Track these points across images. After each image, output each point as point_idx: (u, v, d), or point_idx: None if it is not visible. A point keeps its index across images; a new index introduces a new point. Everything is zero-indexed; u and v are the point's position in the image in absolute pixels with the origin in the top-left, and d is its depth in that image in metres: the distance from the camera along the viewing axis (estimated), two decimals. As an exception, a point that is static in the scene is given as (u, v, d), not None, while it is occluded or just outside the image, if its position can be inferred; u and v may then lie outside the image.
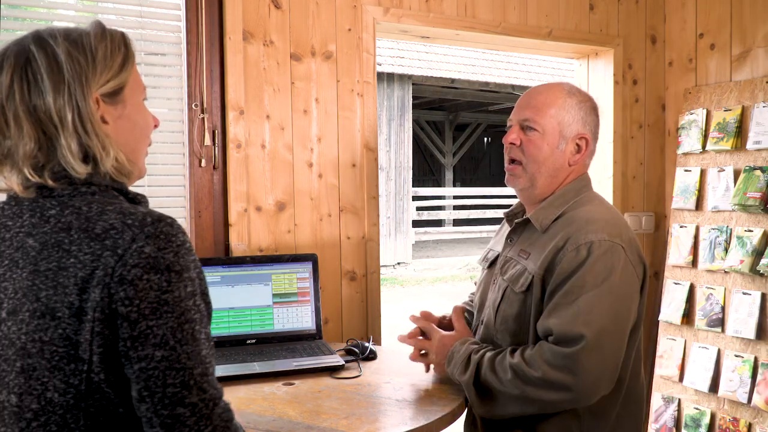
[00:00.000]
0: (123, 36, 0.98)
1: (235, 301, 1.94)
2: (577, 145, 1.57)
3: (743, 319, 2.41)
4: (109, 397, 0.87)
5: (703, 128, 2.66)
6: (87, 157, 0.92)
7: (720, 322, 2.51)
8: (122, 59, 0.96)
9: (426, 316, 1.75)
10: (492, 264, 1.70)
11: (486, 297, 1.66)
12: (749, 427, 2.38)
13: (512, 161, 1.59)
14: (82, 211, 0.89)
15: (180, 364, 0.85)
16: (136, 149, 1.01)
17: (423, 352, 1.64)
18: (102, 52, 0.94)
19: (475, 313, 1.74)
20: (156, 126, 1.06)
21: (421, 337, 1.66)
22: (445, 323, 1.75)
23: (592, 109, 1.60)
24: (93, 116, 0.92)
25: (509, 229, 1.66)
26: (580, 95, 1.59)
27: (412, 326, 1.72)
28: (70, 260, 0.86)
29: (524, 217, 1.61)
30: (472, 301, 1.82)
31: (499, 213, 11.36)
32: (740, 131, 2.53)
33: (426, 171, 18.38)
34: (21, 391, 0.87)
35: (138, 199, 0.98)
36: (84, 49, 0.93)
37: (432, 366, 1.64)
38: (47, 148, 0.91)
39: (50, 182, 0.91)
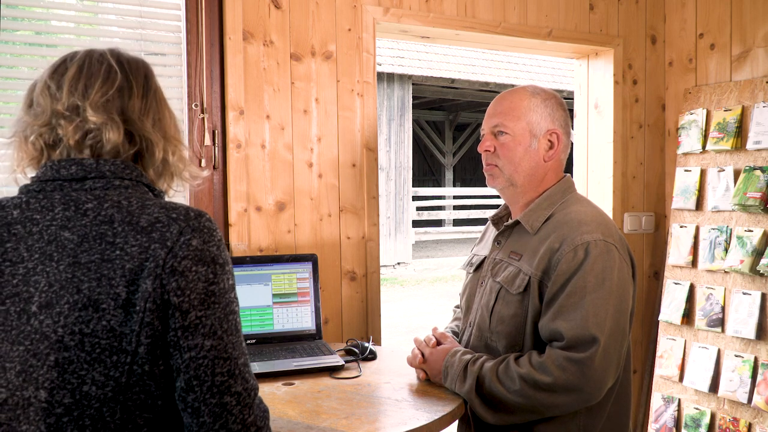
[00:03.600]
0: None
1: (235, 301, 1.93)
2: (549, 141, 1.61)
3: (743, 319, 2.41)
4: (149, 390, 0.88)
5: (703, 128, 2.66)
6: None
7: (720, 322, 2.51)
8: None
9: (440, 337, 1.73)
10: (478, 268, 1.71)
11: (473, 300, 1.68)
12: (749, 427, 2.38)
13: (489, 164, 1.65)
14: (123, 205, 0.91)
15: (227, 354, 0.88)
16: None
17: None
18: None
19: (462, 317, 1.76)
20: None
21: (420, 357, 1.66)
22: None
23: (558, 104, 1.64)
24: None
25: (496, 232, 1.69)
26: (544, 94, 1.63)
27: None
28: (115, 252, 0.87)
29: (513, 219, 1.64)
30: (457, 326, 1.82)
31: (499, 213, 11.33)
32: (740, 131, 2.53)
33: (426, 171, 18.38)
34: (53, 386, 0.86)
35: (161, 196, 1.01)
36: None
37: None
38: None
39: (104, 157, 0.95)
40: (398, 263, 11.53)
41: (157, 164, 0.99)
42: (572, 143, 2.10)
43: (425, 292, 9.45)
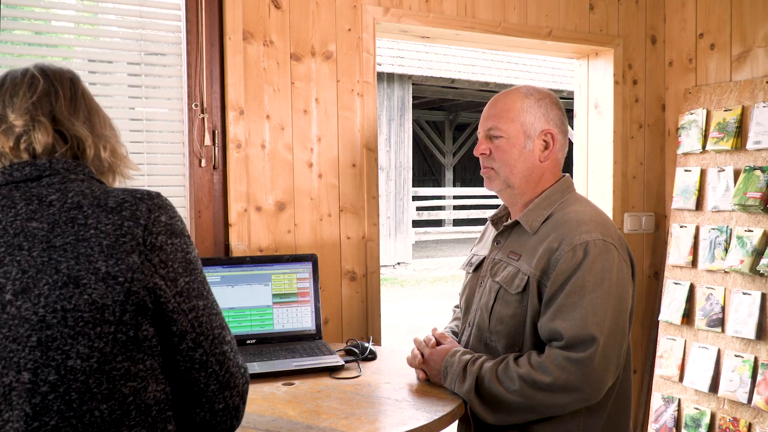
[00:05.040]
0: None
1: (235, 301, 1.94)
2: (544, 141, 1.61)
3: (743, 319, 2.41)
4: (132, 356, 0.93)
5: (703, 128, 2.66)
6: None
7: (720, 322, 2.51)
8: None
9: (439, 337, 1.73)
10: (477, 268, 1.71)
11: (472, 300, 1.68)
12: (749, 427, 2.38)
13: (486, 167, 1.66)
14: (87, 193, 0.97)
15: (215, 310, 1.01)
16: None
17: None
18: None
19: (461, 316, 1.76)
20: None
21: (419, 357, 1.66)
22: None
23: (553, 104, 1.63)
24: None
25: (495, 232, 1.69)
26: (538, 94, 1.63)
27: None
28: (90, 231, 0.93)
29: (512, 220, 1.64)
30: (457, 326, 1.83)
31: (499, 213, 11.33)
32: (740, 131, 2.53)
33: (426, 171, 18.38)
34: (36, 365, 0.89)
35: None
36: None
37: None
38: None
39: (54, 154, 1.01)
40: (398, 263, 11.53)
41: (92, 160, 1.05)
42: (572, 143, 2.10)
43: (425, 292, 9.45)
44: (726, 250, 2.51)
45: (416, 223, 12.78)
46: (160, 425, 0.96)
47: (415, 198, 12.57)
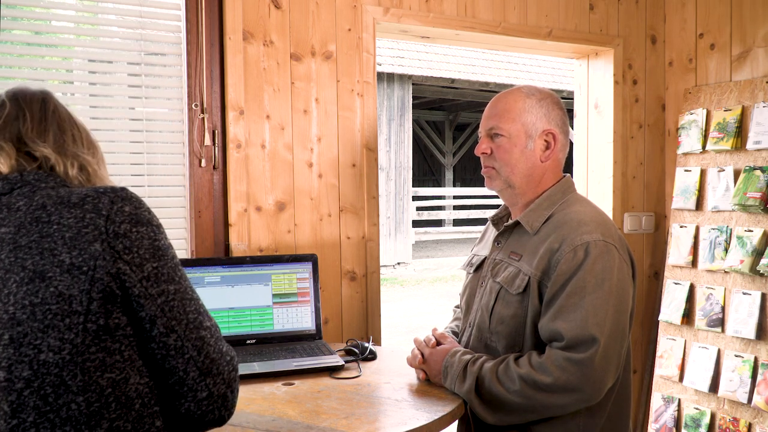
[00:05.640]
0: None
1: (235, 301, 1.94)
2: (546, 141, 1.61)
3: (743, 319, 2.41)
4: (106, 346, 0.93)
5: (703, 128, 2.66)
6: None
7: (720, 322, 2.51)
8: None
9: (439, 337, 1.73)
10: (478, 268, 1.71)
11: (473, 300, 1.68)
12: (749, 427, 2.38)
13: (486, 166, 1.65)
14: (52, 194, 0.98)
15: (189, 295, 1.00)
16: None
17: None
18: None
19: (462, 317, 1.76)
20: None
21: (419, 357, 1.66)
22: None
23: (555, 104, 1.63)
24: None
25: (496, 232, 1.69)
26: (540, 94, 1.63)
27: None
28: (53, 227, 0.94)
29: (513, 220, 1.64)
30: (457, 326, 1.83)
31: (499, 213, 11.34)
32: (740, 131, 2.53)
33: (426, 171, 18.38)
34: (10, 363, 0.90)
35: None
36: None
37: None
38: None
39: (31, 164, 1.04)
40: (398, 263, 11.53)
41: (63, 175, 1.06)
42: (572, 143, 2.10)
43: (425, 292, 9.45)
44: (726, 250, 2.51)
45: (416, 223, 12.78)
46: (147, 420, 0.96)
47: (415, 198, 12.57)
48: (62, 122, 1.10)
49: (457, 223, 15.08)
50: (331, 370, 1.72)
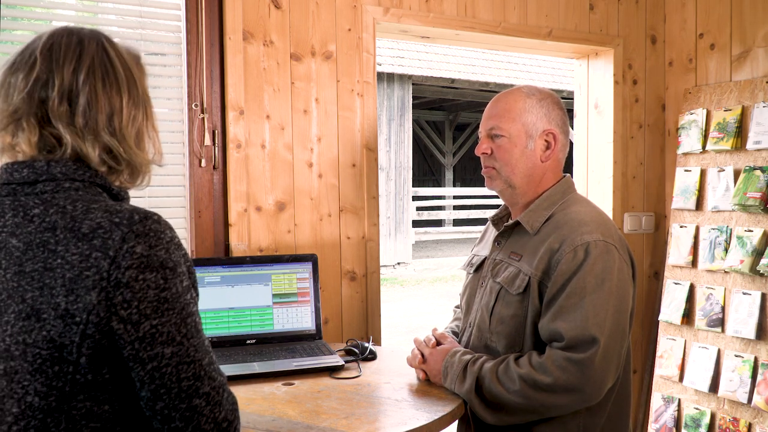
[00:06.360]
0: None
1: (234, 301, 1.93)
2: (546, 141, 1.61)
3: (743, 319, 2.41)
4: (95, 397, 0.86)
5: (703, 128, 2.66)
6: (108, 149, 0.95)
7: (720, 322, 2.51)
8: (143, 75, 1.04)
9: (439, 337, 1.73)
10: (478, 268, 1.71)
11: (473, 300, 1.68)
12: (749, 427, 2.38)
13: (487, 166, 1.65)
14: (67, 210, 0.88)
15: (189, 358, 0.88)
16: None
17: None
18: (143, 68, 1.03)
19: (462, 317, 1.76)
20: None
21: (419, 357, 1.66)
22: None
23: (555, 104, 1.63)
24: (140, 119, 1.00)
25: (496, 233, 1.69)
26: (540, 94, 1.63)
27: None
28: (57, 261, 0.85)
29: (513, 220, 1.63)
30: (457, 326, 1.83)
31: (499, 213, 11.35)
32: (740, 131, 2.53)
33: (426, 171, 18.38)
34: (3, 394, 0.86)
35: (121, 195, 0.98)
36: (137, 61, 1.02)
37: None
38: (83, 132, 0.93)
39: (54, 152, 0.92)
40: (398, 263, 11.53)
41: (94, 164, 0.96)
42: (572, 143, 2.10)
43: (425, 292, 9.45)
44: (726, 250, 2.51)
45: (416, 223, 12.78)
46: None
47: (415, 198, 12.57)
48: (96, 90, 0.94)
49: (457, 223, 15.08)
50: (331, 370, 1.72)
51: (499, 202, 1.79)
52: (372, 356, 1.83)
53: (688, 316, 2.63)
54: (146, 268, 0.85)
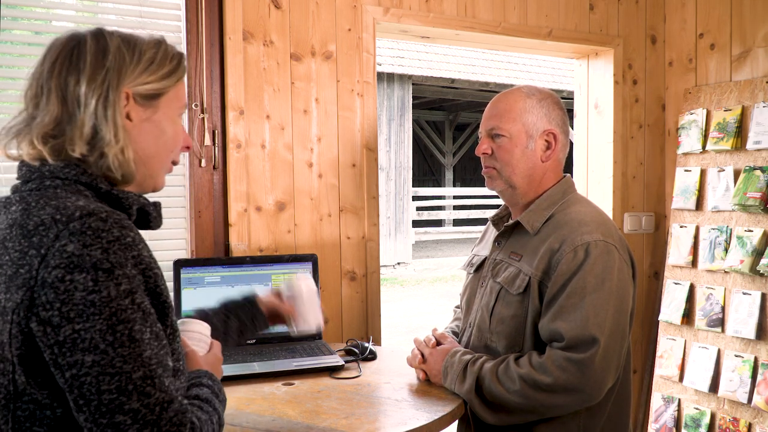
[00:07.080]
0: (180, 54, 1.02)
1: (235, 301, 1.93)
2: (546, 141, 1.61)
3: (743, 319, 2.41)
4: (37, 400, 0.83)
5: (703, 128, 2.66)
6: (94, 141, 0.91)
7: (720, 322, 2.51)
8: (169, 70, 0.99)
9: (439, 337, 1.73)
10: (478, 268, 1.71)
11: (473, 300, 1.68)
12: (749, 427, 2.38)
13: (487, 166, 1.65)
14: (29, 207, 0.86)
15: (114, 369, 0.80)
16: (154, 156, 0.99)
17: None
18: (149, 55, 0.97)
19: (462, 317, 1.76)
20: (188, 148, 1.06)
21: (419, 357, 1.66)
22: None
23: (555, 104, 1.63)
24: (117, 105, 0.93)
25: (496, 233, 1.69)
26: (540, 94, 1.63)
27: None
28: (5, 258, 0.84)
29: (513, 220, 1.64)
30: (457, 326, 1.83)
31: (499, 213, 11.36)
32: (740, 131, 2.53)
33: (426, 171, 18.38)
34: None
35: (113, 195, 0.94)
36: (133, 47, 0.96)
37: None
38: (63, 127, 0.91)
39: (47, 156, 0.90)
40: (398, 263, 11.53)
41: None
42: (572, 143, 2.10)
43: (425, 292, 9.45)
44: (726, 250, 2.51)
45: (416, 223, 12.78)
46: None
47: (415, 198, 12.57)
48: (52, 78, 0.92)
49: (457, 223, 15.08)
50: (331, 370, 1.72)
51: (499, 202, 1.79)
52: (372, 356, 1.83)
53: (688, 316, 2.63)
54: (75, 268, 0.80)
